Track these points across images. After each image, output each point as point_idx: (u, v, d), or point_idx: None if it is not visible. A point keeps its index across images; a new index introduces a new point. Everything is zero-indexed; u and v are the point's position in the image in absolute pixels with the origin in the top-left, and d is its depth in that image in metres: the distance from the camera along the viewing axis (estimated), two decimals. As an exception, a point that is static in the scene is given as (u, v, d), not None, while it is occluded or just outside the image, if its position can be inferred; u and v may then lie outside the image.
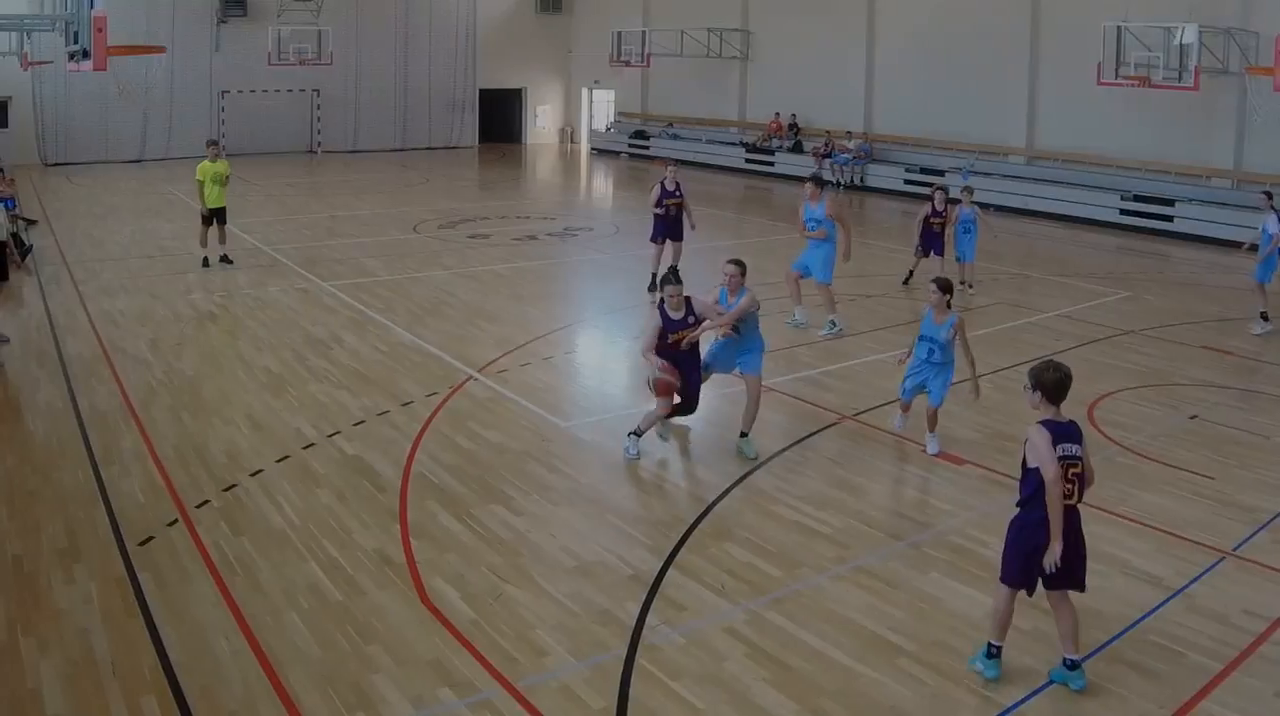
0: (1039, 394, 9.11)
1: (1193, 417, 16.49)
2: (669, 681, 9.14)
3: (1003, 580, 9.16)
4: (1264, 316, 21.03)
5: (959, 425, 15.87)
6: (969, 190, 25.16)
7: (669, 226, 23.79)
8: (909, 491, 13.53)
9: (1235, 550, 11.90)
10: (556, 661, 9.43)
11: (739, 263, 14.56)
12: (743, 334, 14.47)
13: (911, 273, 24.72)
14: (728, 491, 13.35)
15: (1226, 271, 29.45)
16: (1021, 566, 9.00)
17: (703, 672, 9.30)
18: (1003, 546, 9.24)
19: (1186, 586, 11.03)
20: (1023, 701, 8.96)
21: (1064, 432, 9.02)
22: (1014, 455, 14.26)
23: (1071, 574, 9.02)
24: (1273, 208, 21.45)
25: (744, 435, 14.56)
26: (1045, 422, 9.06)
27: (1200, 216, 34.64)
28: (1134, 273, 28.72)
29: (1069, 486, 8.88)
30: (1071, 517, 8.96)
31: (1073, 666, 9.10)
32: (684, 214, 24.02)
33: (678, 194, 23.76)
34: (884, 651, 9.72)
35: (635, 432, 14.39)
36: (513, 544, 11.80)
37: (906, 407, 15.18)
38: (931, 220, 23.91)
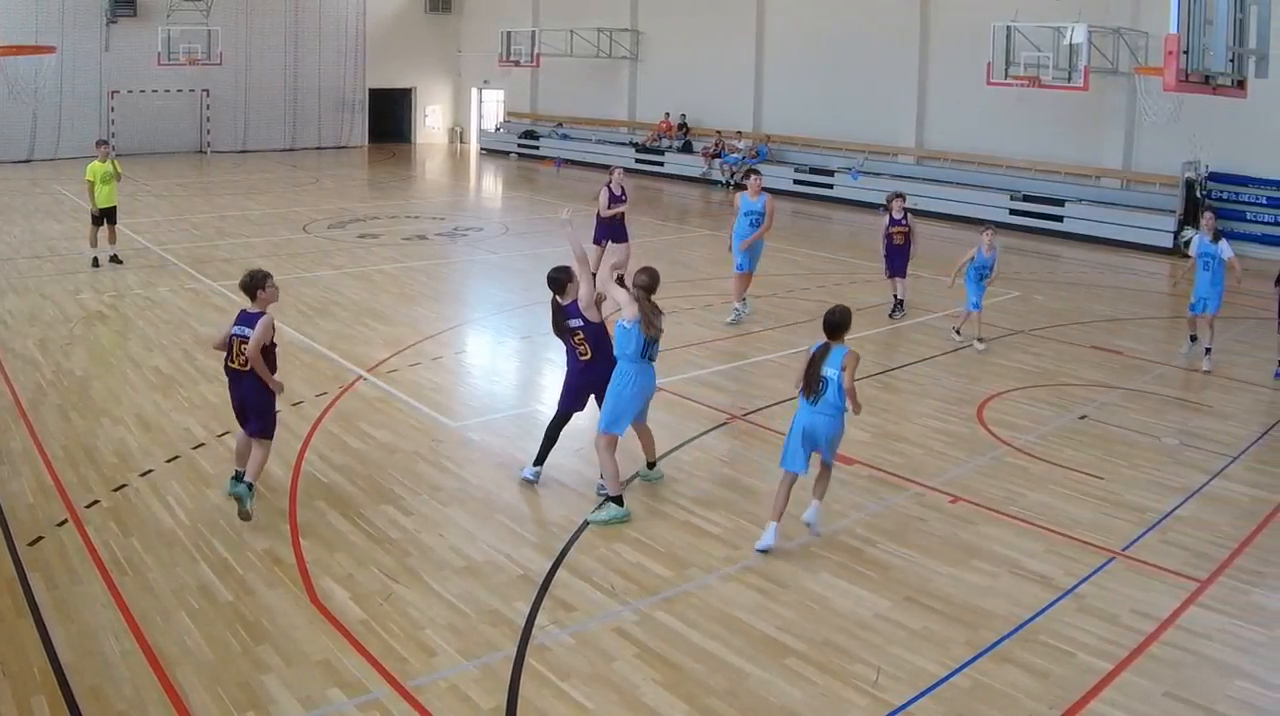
0: None
1: (1082, 418, 16.66)
2: (559, 681, 9.17)
3: None
4: (1194, 338, 20.23)
5: (849, 424, 15.74)
6: (990, 228, 20.83)
7: (612, 228, 23.70)
8: (798, 491, 13.06)
9: (1124, 550, 12.02)
10: (446, 661, 9.44)
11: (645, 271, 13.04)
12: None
13: (897, 299, 22.90)
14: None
15: (1116, 271, 29.93)
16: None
17: (592, 672, 9.33)
18: None
19: (1076, 586, 11.14)
20: (912, 701, 9.01)
21: (242, 319, 12.88)
22: (904, 455, 14.48)
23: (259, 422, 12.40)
24: (1218, 229, 20.38)
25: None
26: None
27: (1090, 216, 35.00)
28: (1024, 272, 28.87)
29: (241, 357, 12.37)
30: (244, 378, 12.42)
31: None
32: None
33: (623, 197, 23.68)
34: (773, 651, 9.77)
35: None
36: (402, 544, 11.79)
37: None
38: (892, 232, 22.54)
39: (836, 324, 11.76)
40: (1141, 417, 16.78)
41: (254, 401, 12.41)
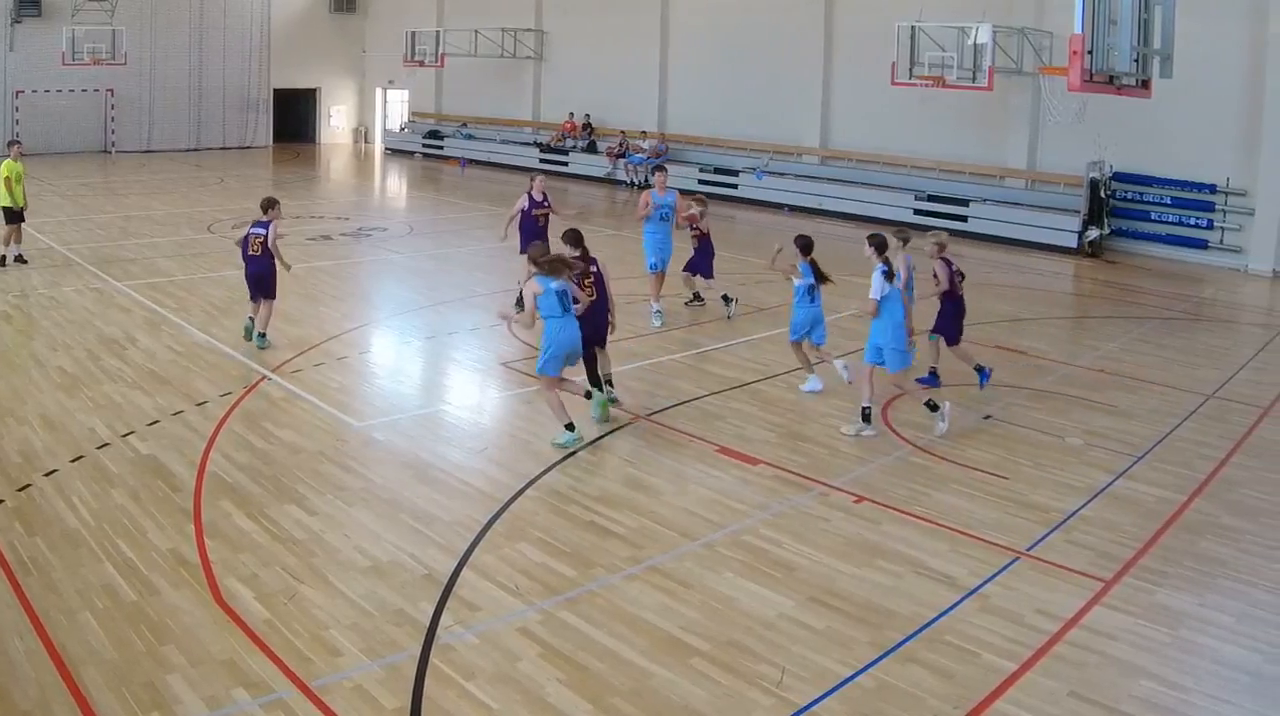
0: None
1: (986, 418, 16.74)
2: (463, 681, 9.15)
3: None
4: (865, 415, 16.35)
5: (752, 425, 16.07)
6: (900, 233, 18.80)
7: (539, 236, 22.45)
8: (702, 491, 13.53)
9: (1029, 550, 12.07)
10: (350, 661, 9.40)
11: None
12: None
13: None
14: (521, 491, 13.37)
15: (1020, 271, 30.22)
16: None
17: (496, 672, 9.31)
18: None
19: (980, 586, 11.18)
20: (817, 701, 9.02)
21: (256, 225, 19.00)
22: (809, 455, 14.64)
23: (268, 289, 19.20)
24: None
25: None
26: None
27: (994, 216, 35.24)
28: (927, 272, 28.64)
29: (257, 247, 19.00)
30: (258, 260, 19.07)
31: None
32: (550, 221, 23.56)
33: (546, 203, 23.11)
34: (677, 651, 9.77)
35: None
36: (307, 544, 11.74)
37: None
38: (694, 233, 22.68)
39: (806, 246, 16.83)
40: (1046, 417, 16.89)
41: (265, 275, 19.13)
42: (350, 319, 22.17)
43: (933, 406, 15.92)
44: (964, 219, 35.84)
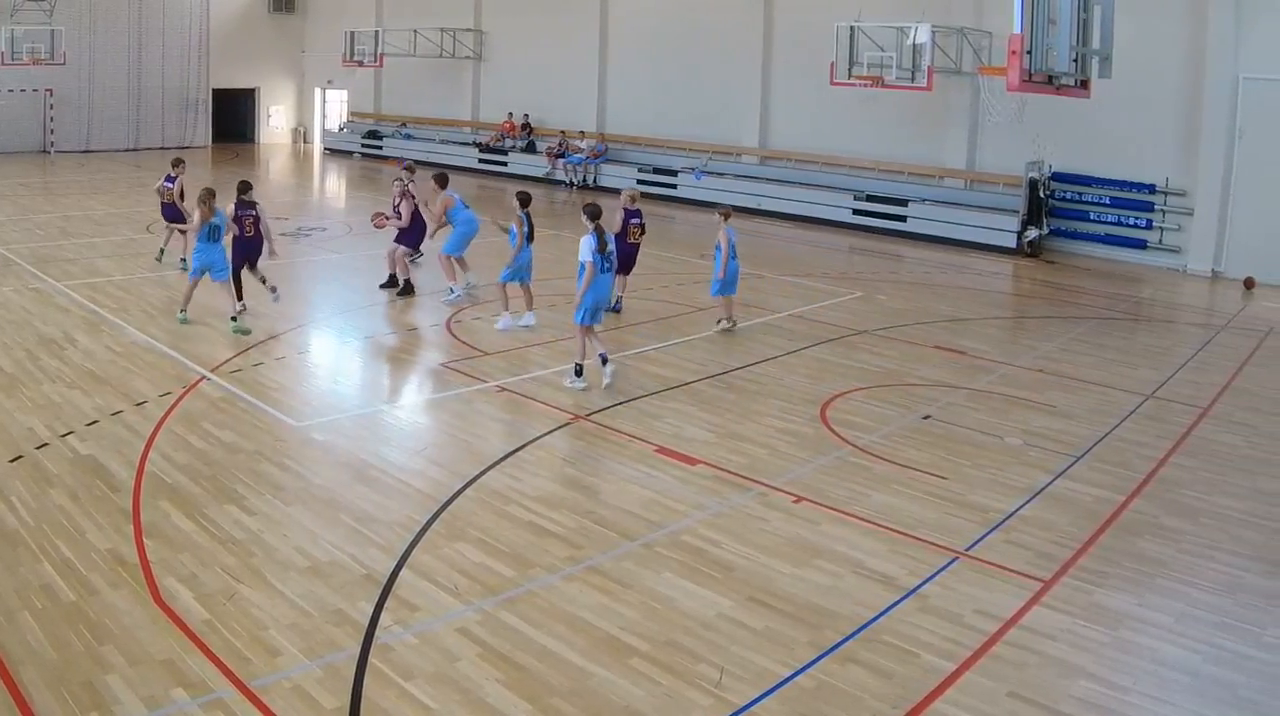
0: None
1: (925, 418, 16.76)
2: (402, 681, 9.13)
3: None
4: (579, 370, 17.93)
5: (692, 424, 16.09)
6: (724, 215, 21.10)
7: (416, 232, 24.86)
8: (641, 491, 13.53)
9: (968, 550, 12.09)
10: (289, 661, 9.36)
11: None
12: None
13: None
14: (460, 491, 13.35)
15: (959, 271, 30.30)
16: None
17: (435, 672, 9.29)
18: None
19: (919, 586, 11.20)
20: (756, 701, 9.03)
21: (167, 178, 25.66)
22: (747, 455, 14.64)
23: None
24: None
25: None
26: None
27: (933, 216, 35.40)
28: (867, 272, 29.20)
29: (169, 196, 25.59)
30: (168, 207, 25.97)
31: None
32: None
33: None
34: (617, 651, 9.77)
35: None
36: (246, 544, 11.68)
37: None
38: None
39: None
40: (985, 417, 16.94)
41: (176, 216, 25.44)
42: (288, 319, 21.97)
43: (604, 359, 17.21)
44: (903, 219, 36.08)
